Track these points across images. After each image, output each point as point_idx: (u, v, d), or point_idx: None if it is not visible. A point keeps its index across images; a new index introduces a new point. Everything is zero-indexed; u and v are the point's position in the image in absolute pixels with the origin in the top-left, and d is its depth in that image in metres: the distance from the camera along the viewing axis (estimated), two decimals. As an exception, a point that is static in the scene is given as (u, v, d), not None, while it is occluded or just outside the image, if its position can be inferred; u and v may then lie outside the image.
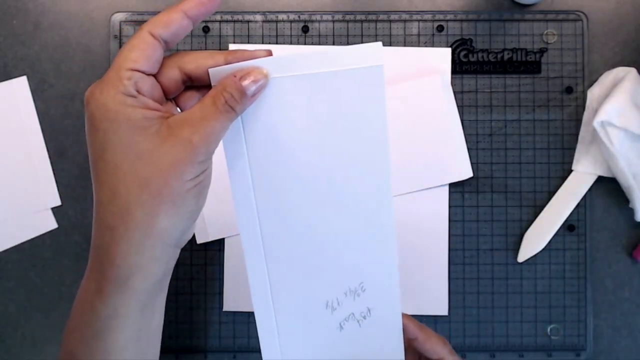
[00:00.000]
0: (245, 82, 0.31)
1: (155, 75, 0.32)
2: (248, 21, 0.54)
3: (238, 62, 0.32)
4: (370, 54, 0.34)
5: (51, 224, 0.54)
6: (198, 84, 0.33)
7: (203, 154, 0.31)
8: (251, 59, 0.32)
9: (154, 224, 0.30)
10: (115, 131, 0.30)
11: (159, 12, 0.28)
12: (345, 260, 0.38)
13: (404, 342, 0.40)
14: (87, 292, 0.33)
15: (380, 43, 0.34)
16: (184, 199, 0.31)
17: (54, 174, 0.54)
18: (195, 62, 0.32)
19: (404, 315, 0.40)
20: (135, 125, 0.30)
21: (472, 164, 0.53)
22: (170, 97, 0.33)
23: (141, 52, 0.30)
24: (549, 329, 0.53)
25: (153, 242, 0.31)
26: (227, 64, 0.32)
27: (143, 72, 0.31)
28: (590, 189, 0.53)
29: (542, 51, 0.54)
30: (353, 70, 0.34)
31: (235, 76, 0.31)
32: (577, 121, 0.53)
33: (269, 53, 0.33)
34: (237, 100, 0.31)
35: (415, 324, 0.41)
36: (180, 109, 0.34)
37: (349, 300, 0.38)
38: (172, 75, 0.32)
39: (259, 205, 0.36)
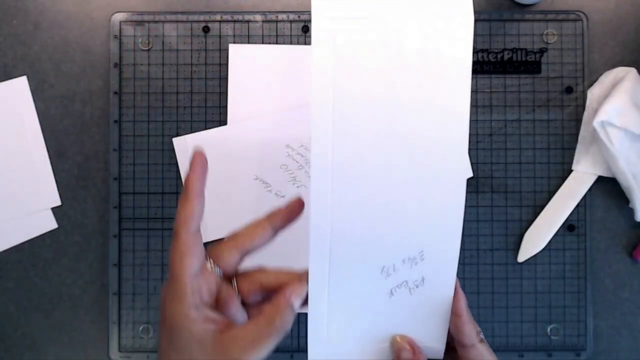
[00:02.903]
0: (293, 300, 0.35)
1: (215, 260, 0.36)
2: (248, 21, 0.54)
3: (281, 224, 0.37)
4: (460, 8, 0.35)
5: (51, 224, 0.54)
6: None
7: None
8: (292, 214, 0.37)
9: None
10: (175, 339, 0.34)
11: (158, 12, 0.28)
12: (409, 227, 0.37)
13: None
14: None
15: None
16: None
17: (54, 174, 0.54)
18: (251, 241, 0.36)
19: (461, 292, 0.39)
20: (194, 339, 0.33)
21: (472, 164, 0.53)
22: (231, 274, 0.37)
23: (191, 256, 0.34)
24: (549, 329, 0.53)
25: None
26: (273, 227, 0.37)
27: (201, 273, 0.35)
28: (590, 189, 0.53)
29: (542, 51, 0.54)
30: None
31: (284, 295, 0.35)
32: (577, 121, 0.53)
33: (301, 204, 0.38)
34: (289, 320, 0.34)
35: (464, 302, 0.40)
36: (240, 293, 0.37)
37: (406, 268, 0.38)
38: (233, 259, 0.36)
39: (335, 175, 0.36)
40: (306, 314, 0.39)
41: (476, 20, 0.53)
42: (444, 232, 0.38)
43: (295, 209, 0.38)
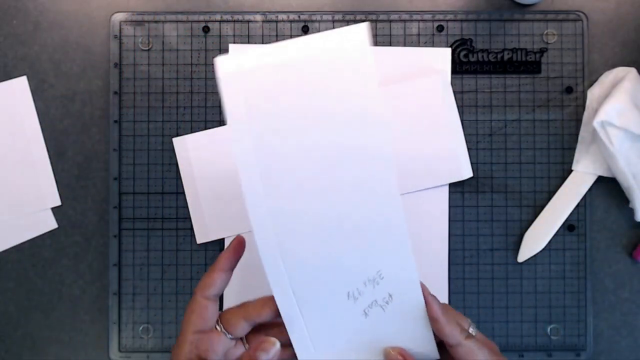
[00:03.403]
0: (259, 353, 0.38)
1: (225, 325, 0.40)
2: (248, 21, 0.54)
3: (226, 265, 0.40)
4: (355, 35, 0.35)
5: (51, 224, 0.54)
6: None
7: None
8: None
9: None
10: None
11: (158, 12, 0.28)
12: (359, 252, 0.38)
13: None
14: None
15: (366, 24, 0.35)
16: None
17: (54, 174, 0.54)
18: (259, 315, 0.39)
19: (431, 297, 0.40)
20: None
21: (472, 164, 0.53)
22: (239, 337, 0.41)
23: (198, 315, 0.39)
24: (549, 329, 0.53)
25: None
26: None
27: (204, 331, 0.39)
28: (590, 189, 0.53)
29: (542, 51, 0.54)
30: (337, 50, 0.36)
31: (250, 349, 0.39)
32: (577, 121, 0.53)
33: (240, 242, 0.41)
34: None
35: (438, 306, 0.40)
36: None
37: (369, 289, 0.39)
38: (240, 326, 0.40)
39: (271, 206, 0.37)
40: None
41: (476, 20, 0.54)
42: (393, 250, 0.39)
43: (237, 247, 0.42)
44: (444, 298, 0.52)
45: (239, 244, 0.41)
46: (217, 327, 0.40)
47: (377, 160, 0.37)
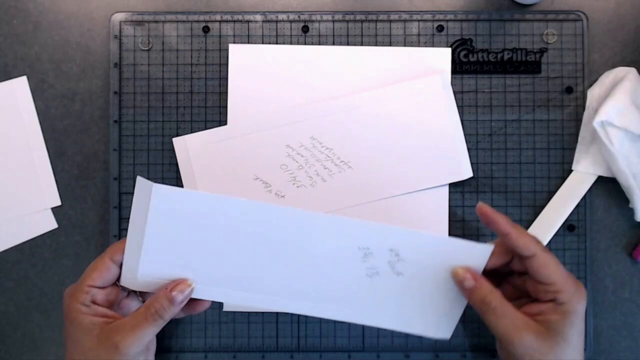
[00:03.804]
0: (174, 293, 0.41)
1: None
2: (248, 21, 0.54)
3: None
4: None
5: (51, 224, 0.54)
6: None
7: (128, 354, 0.40)
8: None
9: None
10: (71, 330, 0.41)
11: (158, 12, 0.28)
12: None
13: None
14: None
15: (491, 247, 0.43)
16: None
17: (54, 174, 0.54)
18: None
19: (497, 215, 0.42)
20: (83, 328, 0.41)
21: (472, 164, 0.53)
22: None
23: (99, 273, 0.42)
24: (549, 329, 0.53)
25: None
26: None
27: (98, 287, 0.42)
28: (590, 189, 0.53)
29: (542, 51, 0.54)
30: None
31: (166, 288, 0.41)
32: (577, 121, 0.53)
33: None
34: (166, 308, 0.41)
35: (506, 220, 0.42)
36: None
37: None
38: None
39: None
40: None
41: (476, 20, 0.54)
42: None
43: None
44: (444, 298, 0.52)
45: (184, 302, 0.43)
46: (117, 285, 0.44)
47: None
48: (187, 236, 0.41)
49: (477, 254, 0.42)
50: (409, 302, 0.44)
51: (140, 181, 0.39)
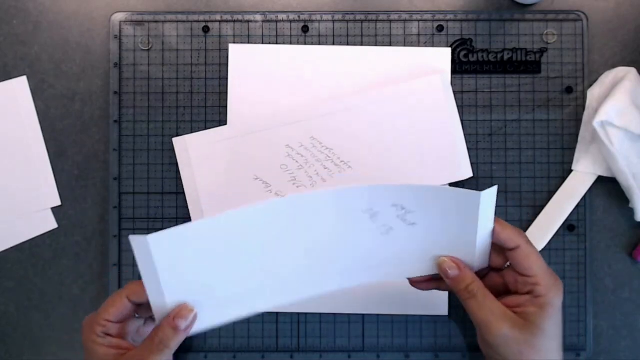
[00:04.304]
0: (177, 321, 0.41)
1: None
2: (248, 21, 0.54)
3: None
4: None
5: (51, 224, 0.54)
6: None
7: None
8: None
9: None
10: (87, 359, 0.43)
11: (158, 12, 0.28)
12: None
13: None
14: None
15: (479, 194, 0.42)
16: None
17: (54, 174, 0.54)
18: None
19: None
20: (98, 358, 0.42)
21: (472, 164, 0.53)
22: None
23: (115, 310, 0.43)
24: (549, 329, 0.53)
25: None
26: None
27: (113, 322, 0.43)
28: (590, 189, 0.53)
29: (542, 51, 0.54)
30: None
31: (169, 316, 0.41)
32: (577, 121, 0.53)
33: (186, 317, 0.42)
34: (171, 337, 0.41)
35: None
36: None
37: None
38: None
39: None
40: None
41: (476, 20, 0.54)
42: None
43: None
44: (444, 298, 0.52)
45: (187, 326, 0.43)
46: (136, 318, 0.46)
47: None
48: (197, 262, 0.41)
49: (479, 199, 0.42)
50: (431, 248, 0.44)
51: (134, 240, 0.39)
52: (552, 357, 0.42)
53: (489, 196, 0.41)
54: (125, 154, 0.53)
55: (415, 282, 0.46)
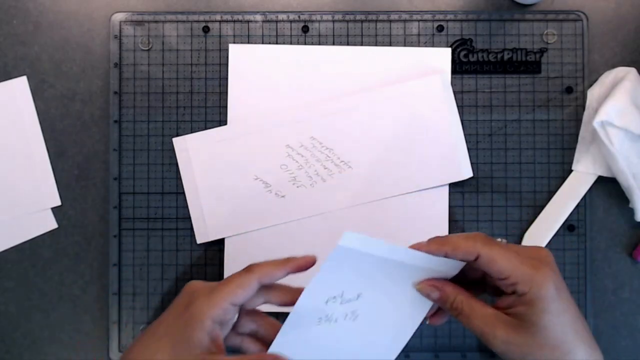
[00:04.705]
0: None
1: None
2: (248, 21, 0.54)
3: (292, 270, 0.40)
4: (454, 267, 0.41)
5: (51, 224, 0.54)
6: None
7: None
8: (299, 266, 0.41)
9: None
10: (183, 333, 0.38)
11: (158, 12, 0.28)
12: None
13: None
14: None
15: (461, 263, 0.41)
16: None
17: (54, 174, 0.54)
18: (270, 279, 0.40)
19: (427, 243, 0.40)
20: (192, 343, 0.37)
21: (472, 164, 0.53)
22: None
23: (243, 292, 0.39)
24: (549, 329, 0.53)
25: None
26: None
27: (235, 305, 0.39)
28: (590, 189, 0.53)
29: (542, 51, 0.54)
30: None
31: (268, 352, 0.39)
32: (577, 121, 0.53)
33: (313, 259, 0.41)
34: None
35: (437, 242, 0.40)
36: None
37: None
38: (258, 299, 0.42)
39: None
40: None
41: (476, 20, 0.54)
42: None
43: (309, 262, 0.41)
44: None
45: (311, 261, 0.41)
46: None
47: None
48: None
49: (447, 269, 0.41)
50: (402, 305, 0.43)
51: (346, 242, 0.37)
52: (566, 347, 0.38)
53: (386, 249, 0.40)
54: (125, 154, 0.53)
55: (431, 322, 0.44)
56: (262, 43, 0.54)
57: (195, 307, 0.38)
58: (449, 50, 0.53)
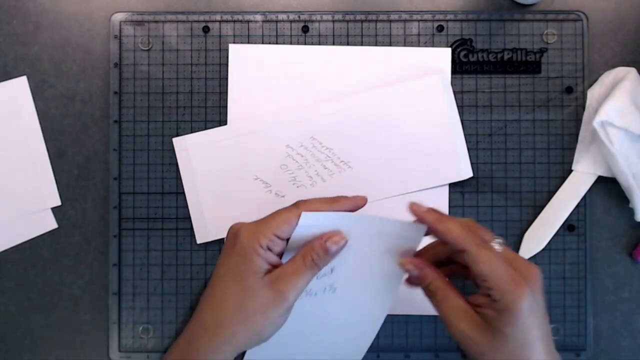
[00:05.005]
0: (329, 244, 0.41)
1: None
2: (248, 21, 0.54)
3: (339, 209, 0.43)
4: (418, 230, 0.43)
5: (51, 224, 0.54)
6: None
7: (290, 300, 0.41)
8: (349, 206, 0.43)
9: (234, 339, 0.41)
10: (239, 264, 0.42)
11: (158, 12, 0.28)
12: None
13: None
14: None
15: (424, 226, 0.43)
16: (260, 331, 0.42)
17: (54, 174, 0.54)
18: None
19: (427, 211, 0.42)
20: (253, 268, 0.41)
21: (472, 164, 0.53)
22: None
23: (287, 227, 0.42)
24: (549, 329, 0.53)
25: (228, 349, 0.42)
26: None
27: (281, 239, 0.42)
28: (590, 189, 0.53)
29: (542, 51, 0.54)
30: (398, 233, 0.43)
31: (322, 239, 0.42)
32: (577, 121, 0.53)
33: (364, 200, 0.44)
34: (322, 258, 0.41)
35: (435, 217, 0.42)
36: None
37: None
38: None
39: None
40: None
41: (476, 20, 0.54)
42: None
43: (359, 203, 0.44)
44: (444, 298, 0.52)
45: (361, 202, 0.44)
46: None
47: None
48: None
49: (412, 234, 0.43)
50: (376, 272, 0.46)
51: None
52: (522, 359, 0.39)
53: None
54: (125, 154, 0.53)
55: (408, 282, 0.45)
56: (262, 43, 0.54)
57: (242, 241, 0.42)
58: (449, 50, 0.53)
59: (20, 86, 0.54)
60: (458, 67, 0.53)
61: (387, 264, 0.44)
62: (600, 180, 0.53)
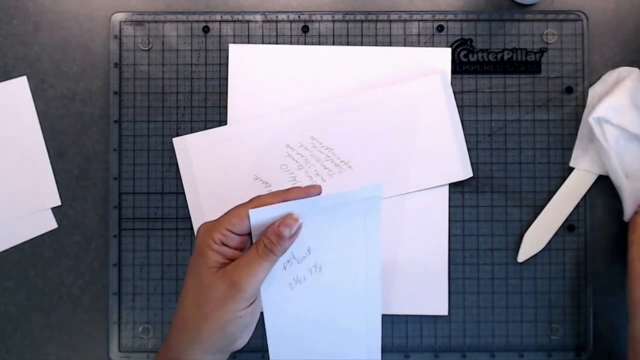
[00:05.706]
0: (282, 228, 0.41)
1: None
2: (248, 21, 0.54)
3: (290, 199, 0.43)
4: (372, 191, 0.43)
5: (51, 224, 0.54)
6: None
7: (247, 291, 0.41)
8: (298, 196, 0.43)
9: (200, 337, 0.42)
10: (196, 262, 0.43)
11: (158, 12, 0.28)
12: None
13: None
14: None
15: (380, 184, 0.43)
16: (224, 326, 0.41)
17: (54, 174, 0.54)
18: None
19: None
20: (207, 263, 0.42)
21: (472, 164, 0.53)
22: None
23: (239, 221, 0.42)
24: (549, 329, 0.53)
25: (198, 347, 0.42)
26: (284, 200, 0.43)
27: (234, 233, 0.42)
28: (590, 189, 0.53)
29: (542, 51, 0.54)
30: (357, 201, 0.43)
31: (274, 225, 0.42)
32: (577, 121, 0.53)
33: (318, 189, 0.44)
34: (276, 243, 0.41)
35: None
36: None
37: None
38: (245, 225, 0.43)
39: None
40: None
41: (476, 20, 0.54)
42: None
43: (312, 192, 0.44)
44: (443, 298, 0.52)
45: (314, 192, 0.44)
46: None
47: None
48: None
49: (370, 194, 0.43)
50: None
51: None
52: None
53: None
54: (125, 154, 0.53)
55: None
56: (262, 43, 0.54)
57: (198, 239, 0.43)
58: (449, 50, 0.53)
59: (20, 86, 0.54)
60: (458, 67, 0.53)
61: (360, 229, 0.44)
62: (600, 180, 0.53)
